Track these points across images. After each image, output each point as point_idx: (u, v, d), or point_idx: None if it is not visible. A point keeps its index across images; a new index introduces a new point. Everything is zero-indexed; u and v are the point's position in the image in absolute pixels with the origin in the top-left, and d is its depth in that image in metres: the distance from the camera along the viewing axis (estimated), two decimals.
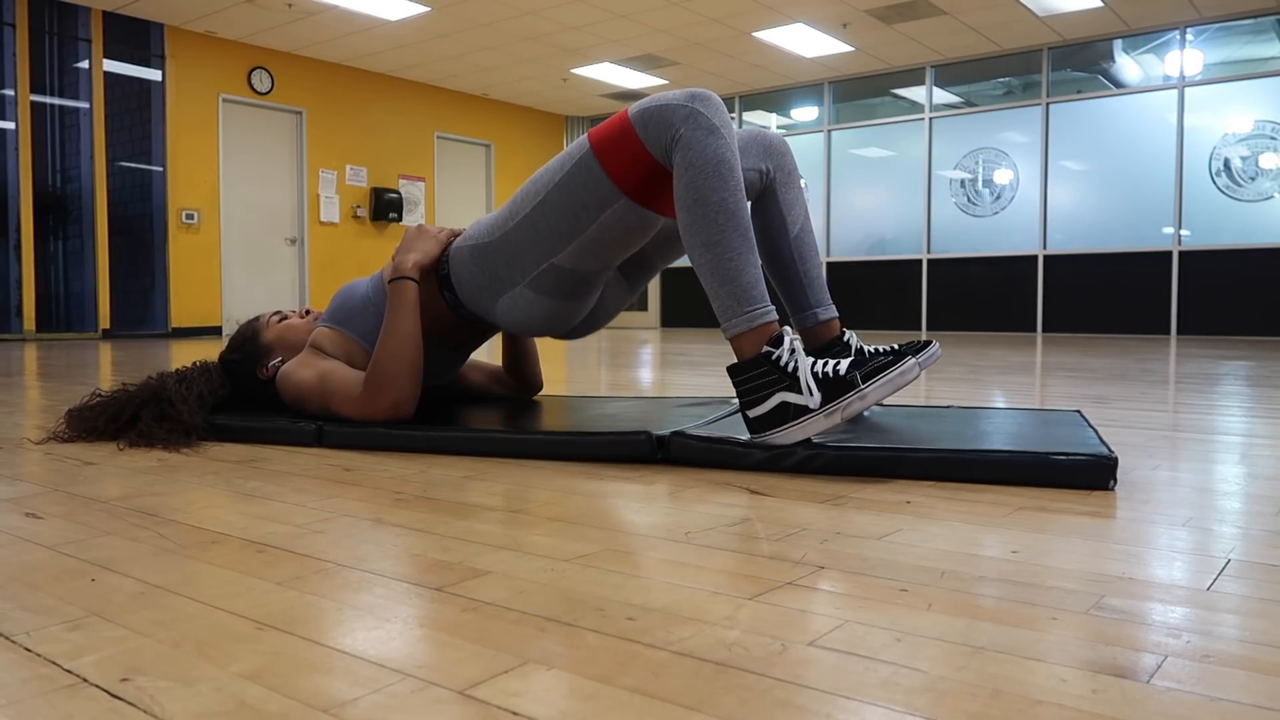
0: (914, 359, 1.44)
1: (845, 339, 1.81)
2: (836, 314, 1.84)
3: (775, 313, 1.49)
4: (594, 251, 1.65)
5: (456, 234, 1.85)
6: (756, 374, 1.45)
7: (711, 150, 1.48)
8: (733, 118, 10.66)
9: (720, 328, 1.52)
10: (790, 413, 1.42)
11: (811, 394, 1.40)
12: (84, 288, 8.06)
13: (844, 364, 1.43)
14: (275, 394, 1.93)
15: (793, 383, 1.42)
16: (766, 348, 1.45)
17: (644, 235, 1.67)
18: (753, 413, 1.46)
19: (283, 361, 1.94)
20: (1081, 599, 0.82)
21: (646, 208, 1.59)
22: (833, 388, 1.40)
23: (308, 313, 2.04)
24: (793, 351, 1.44)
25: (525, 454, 1.61)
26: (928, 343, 1.78)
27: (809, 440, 1.44)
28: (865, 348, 1.79)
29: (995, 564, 0.94)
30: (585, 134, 1.62)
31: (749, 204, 1.83)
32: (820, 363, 1.44)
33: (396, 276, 1.76)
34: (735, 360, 1.50)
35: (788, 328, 1.50)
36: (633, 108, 1.55)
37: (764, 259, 1.86)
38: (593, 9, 7.76)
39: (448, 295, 1.80)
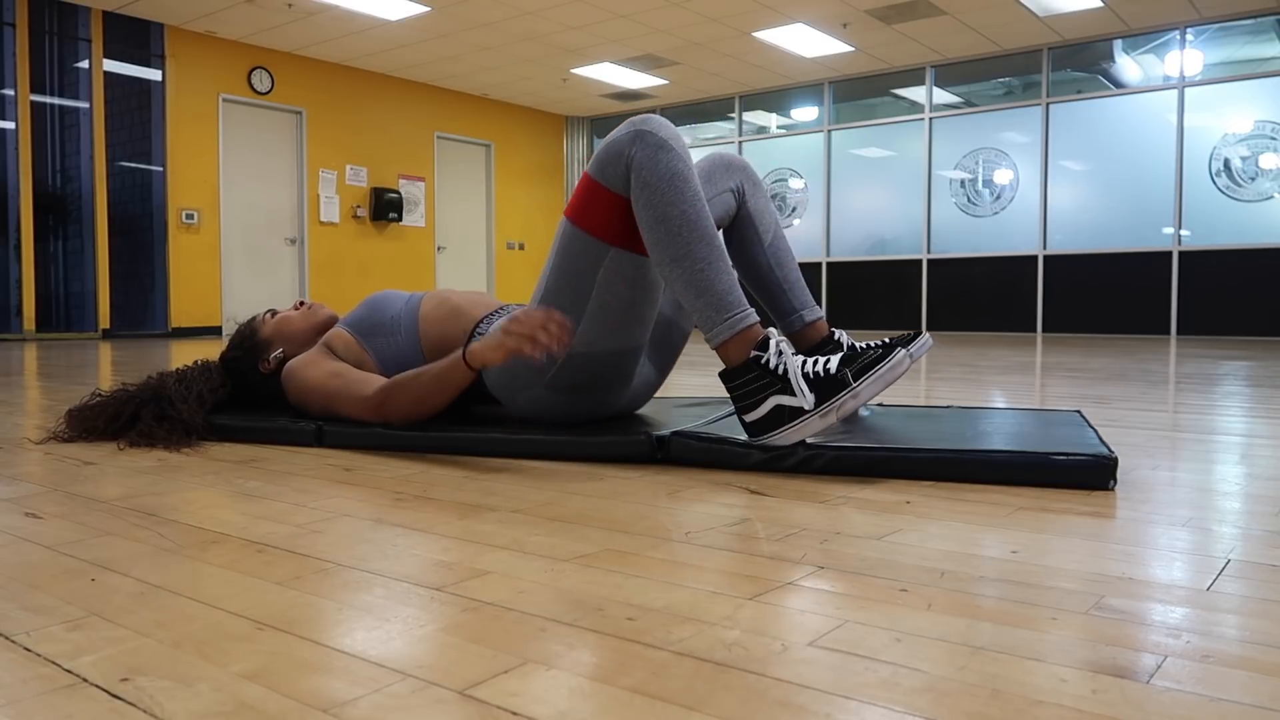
0: (904, 351, 1.44)
1: (836, 337, 1.81)
2: (822, 314, 1.84)
3: (755, 315, 1.48)
4: (605, 324, 1.60)
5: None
6: (748, 379, 1.44)
7: (663, 165, 1.48)
8: (732, 118, 10.68)
9: (705, 339, 1.51)
10: (786, 415, 1.41)
11: (804, 395, 1.40)
12: (84, 288, 8.06)
13: (834, 361, 1.43)
14: (277, 389, 1.93)
15: (784, 385, 1.41)
16: (754, 352, 1.45)
17: (648, 289, 1.61)
18: (748, 417, 1.46)
19: (284, 353, 1.94)
20: (1081, 599, 0.82)
21: (636, 252, 1.56)
22: (825, 387, 1.40)
23: (301, 304, 2.04)
24: (780, 354, 1.43)
25: (525, 454, 1.61)
26: (918, 334, 1.78)
27: (808, 441, 1.44)
28: (856, 344, 1.79)
29: (995, 564, 0.94)
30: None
31: (731, 220, 1.83)
32: (810, 362, 1.44)
33: (470, 363, 1.59)
34: (724, 367, 1.50)
35: (772, 329, 1.49)
36: (588, 166, 1.56)
37: (742, 271, 1.86)
38: (593, 9, 7.76)
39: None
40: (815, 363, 1.43)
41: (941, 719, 0.58)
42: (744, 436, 1.48)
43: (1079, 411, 1.88)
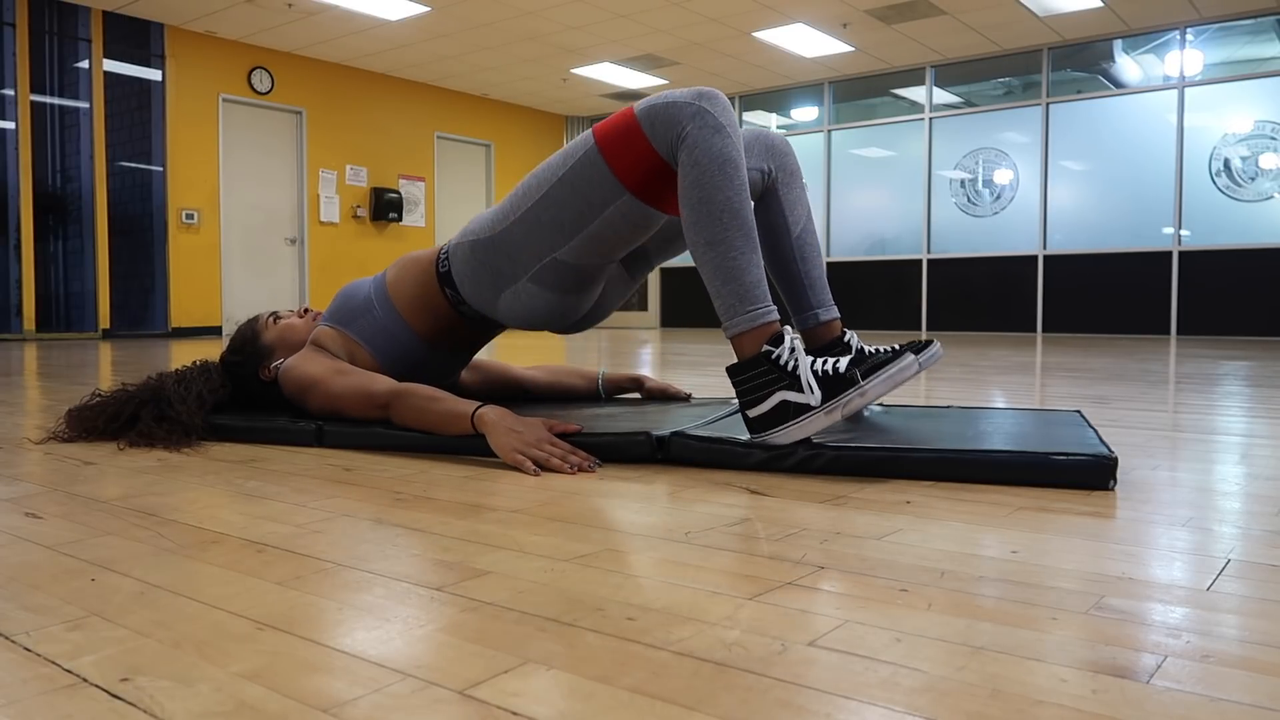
0: (914, 356, 1.44)
1: (846, 339, 1.81)
2: (838, 314, 1.84)
3: (776, 312, 1.49)
4: (596, 247, 1.64)
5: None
6: (757, 373, 1.45)
7: (718, 149, 1.48)
8: None
9: (721, 326, 1.52)
10: (791, 411, 1.41)
11: (812, 392, 1.40)
12: (84, 288, 8.06)
13: (843, 361, 1.43)
14: (277, 394, 1.93)
15: (793, 381, 1.42)
16: (767, 346, 1.45)
17: (646, 232, 1.66)
18: (753, 412, 1.46)
19: (284, 361, 1.94)
20: (1081, 599, 0.82)
21: (650, 205, 1.58)
22: (833, 385, 1.40)
23: (305, 311, 2.04)
24: (793, 350, 1.44)
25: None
26: (929, 342, 1.78)
27: (809, 440, 1.44)
28: (865, 347, 1.79)
29: (995, 564, 0.94)
30: (590, 129, 1.61)
31: (754, 201, 1.83)
32: (820, 361, 1.44)
33: (475, 426, 1.57)
34: (735, 360, 1.50)
35: (788, 327, 1.50)
36: (639, 105, 1.54)
37: (765, 259, 1.86)
38: (593, 9, 7.76)
39: (449, 292, 1.80)
40: (825, 362, 1.44)
41: (941, 719, 0.58)
42: (744, 436, 1.48)
43: (1079, 411, 1.88)
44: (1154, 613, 0.78)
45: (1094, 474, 1.30)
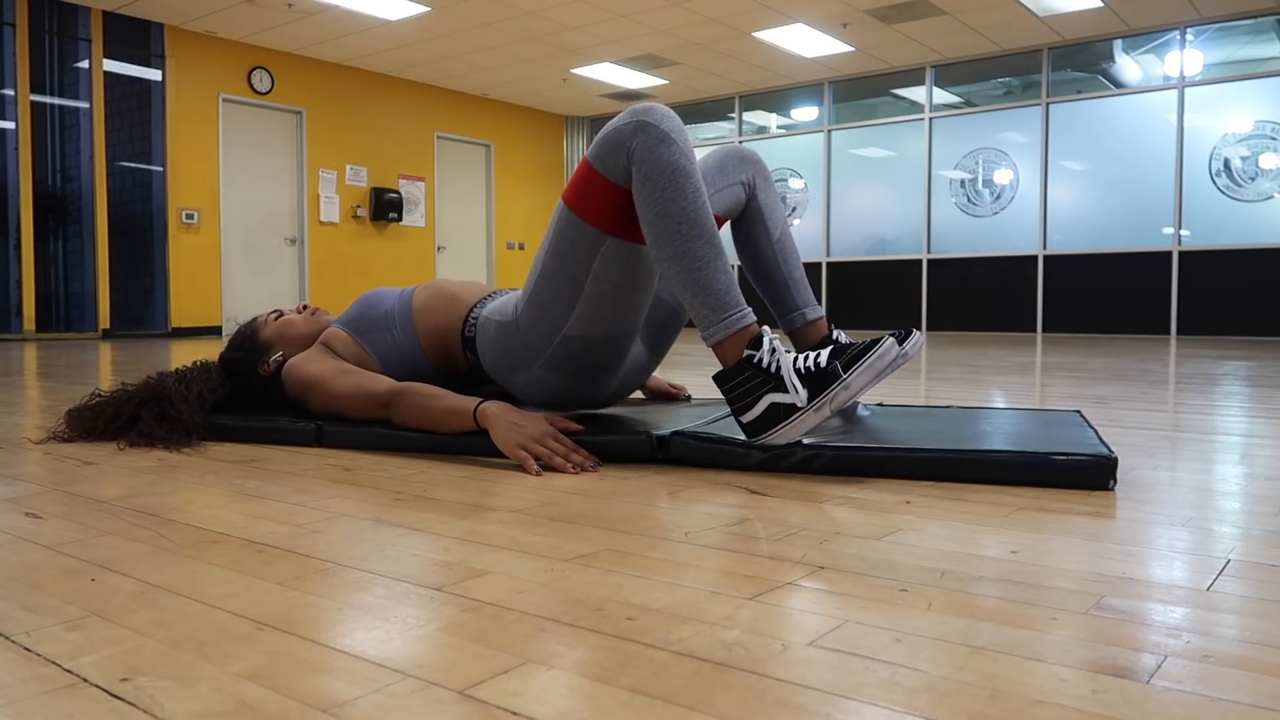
0: (892, 339, 1.44)
1: (834, 337, 1.81)
2: (823, 313, 1.84)
3: (753, 314, 1.48)
4: (600, 310, 1.60)
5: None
6: (742, 379, 1.44)
7: (665, 159, 1.47)
8: (732, 118, 10.67)
9: (701, 337, 1.51)
10: (781, 413, 1.42)
11: (797, 391, 1.40)
12: (84, 288, 8.06)
13: (824, 354, 1.43)
14: (276, 392, 1.93)
15: (777, 383, 1.41)
16: (747, 351, 1.45)
17: (644, 277, 1.61)
18: (745, 418, 1.46)
19: (284, 356, 1.94)
20: (1081, 599, 0.82)
21: (633, 241, 1.55)
22: (817, 381, 1.40)
23: (305, 307, 2.04)
24: (773, 351, 1.44)
25: None
26: (910, 331, 1.77)
27: (807, 441, 1.44)
28: (846, 339, 1.79)
29: (995, 564, 0.94)
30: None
31: (740, 213, 1.83)
32: (801, 357, 1.44)
33: (479, 421, 1.57)
34: (721, 368, 1.50)
35: (766, 327, 1.49)
36: (588, 151, 1.56)
37: (748, 265, 1.86)
38: (593, 9, 7.76)
39: (470, 356, 1.79)
40: (806, 358, 1.43)
41: (941, 719, 0.58)
42: (744, 437, 1.48)
43: (1079, 411, 1.88)
44: (1154, 613, 0.78)
45: (1094, 474, 1.30)
